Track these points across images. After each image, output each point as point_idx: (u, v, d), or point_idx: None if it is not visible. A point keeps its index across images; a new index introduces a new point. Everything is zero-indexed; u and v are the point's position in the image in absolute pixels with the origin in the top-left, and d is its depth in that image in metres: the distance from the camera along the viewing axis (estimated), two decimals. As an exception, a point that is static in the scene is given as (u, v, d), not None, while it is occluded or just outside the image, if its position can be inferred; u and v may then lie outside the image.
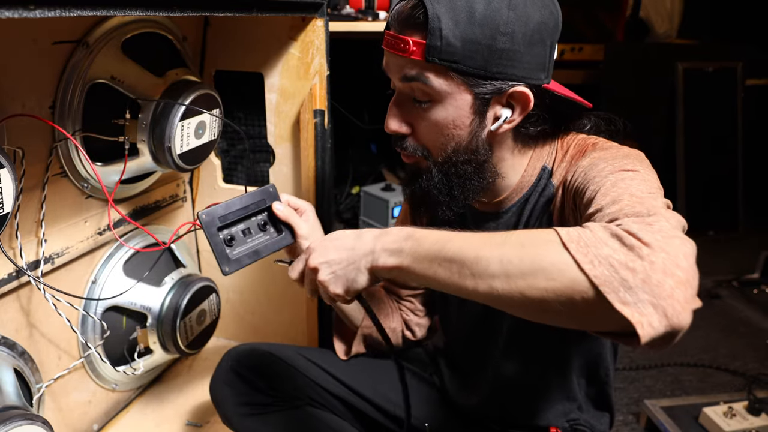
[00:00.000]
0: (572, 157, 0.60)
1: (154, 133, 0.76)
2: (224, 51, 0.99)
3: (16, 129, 0.67)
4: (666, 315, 0.35)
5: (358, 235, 0.53)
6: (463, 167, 0.58)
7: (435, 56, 0.52)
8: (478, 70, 0.53)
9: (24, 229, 0.72)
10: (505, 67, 0.53)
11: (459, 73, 0.53)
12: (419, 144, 0.59)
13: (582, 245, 0.39)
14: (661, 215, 0.42)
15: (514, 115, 0.57)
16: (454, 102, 0.55)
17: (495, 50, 0.52)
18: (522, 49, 0.53)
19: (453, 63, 0.52)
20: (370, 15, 1.49)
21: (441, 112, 0.56)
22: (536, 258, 0.40)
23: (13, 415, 0.61)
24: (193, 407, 1.00)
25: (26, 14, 0.39)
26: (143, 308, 0.88)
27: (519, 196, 0.64)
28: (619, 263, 0.37)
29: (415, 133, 0.59)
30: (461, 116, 0.55)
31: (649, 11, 2.39)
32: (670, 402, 1.17)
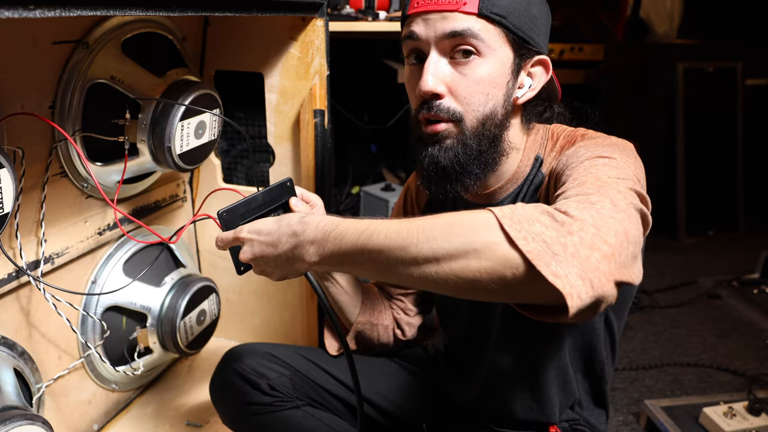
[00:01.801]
0: (562, 146, 0.62)
1: (154, 133, 0.76)
2: (224, 51, 0.99)
3: (16, 129, 0.67)
4: (592, 286, 0.37)
5: (278, 232, 0.53)
6: (492, 132, 0.58)
7: (488, 9, 0.55)
8: (519, 29, 0.57)
9: (24, 229, 0.72)
10: (535, 34, 0.58)
11: (507, 28, 0.56)
12: (456, 104, 0.58)
13: (515, 221, 0.40)
14: (609, 196, 0.43)
15: (534, 83, 0.60)
16: (498, 58, 0.57)
17: (530, 15, 0.57)
18: (543, 22, 0.59)
19: (503, 18, 0.56)
20: (370, 15, 1.49)
21: (485, 67, 0.57)
22: (467, 239, 0.40)
23: (12, 415, 0.61)
24: (193, 407, 1.00)
25: (26, 14, 0.39)
26: (143, 308, 0.88)
27: (514, 187, 0.65)
28: (551, 238, 0.38)
29: (452, 93, 0.57)
30: (502, 74, 0.57)
31: (649, 11, 2.39)
32: (670, 402, 1.17)
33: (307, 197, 0.70)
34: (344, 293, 0.77)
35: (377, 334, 0.80)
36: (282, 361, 0.76)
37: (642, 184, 0.50)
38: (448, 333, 0.81)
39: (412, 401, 0.79)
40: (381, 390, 0.78)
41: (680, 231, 2.16)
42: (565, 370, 0.69)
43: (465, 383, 0.76)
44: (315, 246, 0.50)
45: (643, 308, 1.66)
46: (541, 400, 0.70)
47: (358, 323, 0.79)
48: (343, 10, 1.49)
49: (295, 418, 0.73)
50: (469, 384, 0.75)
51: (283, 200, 0.66)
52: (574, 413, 0.72)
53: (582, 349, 0.69)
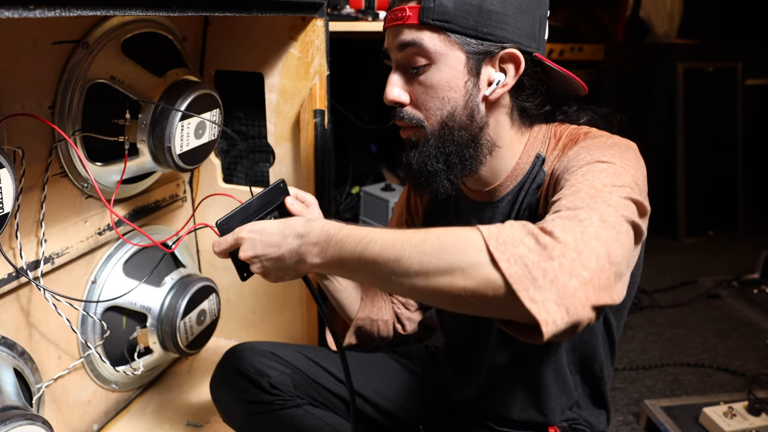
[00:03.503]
0: (564, 145, 0.62)
1: (154, 133, 0.76)
2: (224, 51, 0.99)
3: (16, 129, 0.67)
4: (568, 312, 0.39)
5: (282, 233, 0.55)
6: (458, 134, 0.60)
7: (429, 17, 0.56)
8: (470, 29, 0.56)
9: (24, 229, 0.72)
10: (495, 29, 0.57)
11: (451, 32, 0.56)
12: (416, 112, 0.61)
13: (501, 242, 0.41)
14: (598, 212, 0.43)
15: (507, 78, 0.59)
16: (447, 62, 0.57)
17: (484, 11, 0.56)
18: (511, 14, 0.57)
19: (446, 23, 0.56)
20: (370, 15, 1.49)
21: (436, 74, 0.58)
22: (455, 257, 0.42)
23: (12, 415, 0.61)
24: (194, 407, 1.00)
25: (26, 14, 0.39)
26: (143, 308, 0.88)
27: (514, 184, 0.65)
28: (532, 263, 0.40)
29: (412, 101, 0.61)
30: (455, 77, 0.58)
31: (649, 11, 2.39)
32: (670, 402, 1.17)
33: (302, 197, 0.70)
34: (343, 290, 0.77)
35: (377, 329, 0.80)
36: (283, 359, 0.76)
37: (641, 187, 0.50)
38: (447, 332, 0.81)
39: (412, 400, 0.79)
40: (380, 389, 0.78)
41: (680, 231, 2.16)
42: (563, 371, 0.69)
43: (464, 382, 0.76)
44: (318, 248, 0.52)
45: (643, 308, 1.66)
46: (540, 400, 0.70)
47: (358, 319, 0.79)
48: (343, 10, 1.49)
49: (296, 417, 0.73)
50: (468, 383, 0.75)
51: (278, 202, 0.66)
52: (574, 413, 0.72)
53: (580, 351, 0.69)
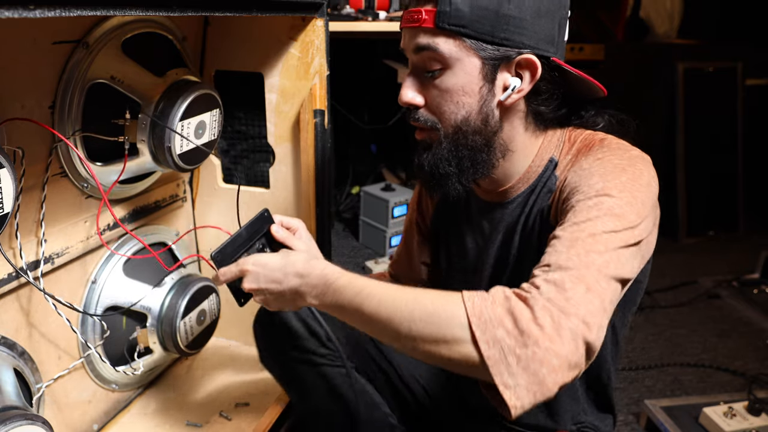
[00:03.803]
0: (578, 150, 0.61)
1: (154, 133, 0.76)
2: (224, 51, 0.99)
3: (16, 129, 0.67)
4: (535, 395, 0.43)
5: (283, 270, 0.58)
6: (472, 138, 0.60)
7: (444, 21, 0.55)
8: (486, 35, 0.56)
9: (24, 229, 0.72)
10: (512, 34, 0.56)
11: (467, 37, 0.56)
12: (430, 115, 0.61)
13: (483, 321, 0.44)
14: (585, 281, 0.45)
15: (523, 84, 0.59)
16: (463, 67, 0.57)
17: (501, 15, 0.55)
18: (529, 18, 0.56)
19: (461, 27, 0.55)
20: (370, 15, 1.49)
21: (451, 79, 0.58)
22: (440, 329, 0.46)
23: (12, 415, 0.61)
24: (194, 407, 0.99)
25: (26, 14, 0.39)
26: (143, 308, 0.88)
27: (525, 186, 0.64)
28: (508, 348, 0.43)
29: (427, 104, 0.61)
30: (470, 82, 0.58)
31: (649, 11, 2.39)
32: (670, 402, 1.17)
33: (288, 223, 0.71)
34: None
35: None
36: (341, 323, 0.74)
37: (646, 218, 0.51)
38: None
39: (440, 393, 0.78)
40: (415, 372, 0.77)
41: (680, 231, 2.16)
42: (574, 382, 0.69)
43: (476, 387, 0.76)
44: (317, 291, 0.55)
45: (643, 308, 1.66)
46: (550, 407, 0.70)
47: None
48: (343, 10, 1.49)
49: (336, 378, 0.71)
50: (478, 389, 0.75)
51: (264, 230, 0.69)
52: (581, 417, 0.72)
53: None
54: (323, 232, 0.99)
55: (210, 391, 1.04)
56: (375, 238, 1.91)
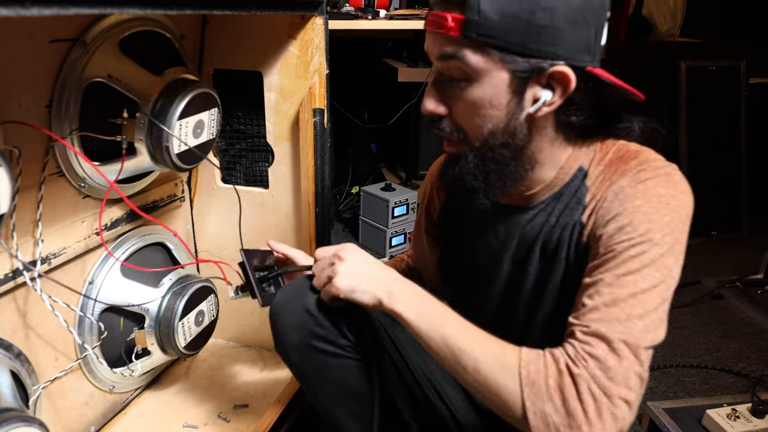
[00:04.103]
0: (611, 162, 0.59)
1: (152, 132, 0.75)
2: (223, 49, 0.98)
3: (12, 128, 0.67)
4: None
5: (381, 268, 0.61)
6: (500, 151, 0.57)
7: (472, 31, 0.51)
8: (516, 46, 0.52)
9: (20, 229, 0.71)
10: (544, 45, 0.52)
11: (496, 48, 0.52)
12: (456, 125, 0.58)
13: (534, 392, 0.49)
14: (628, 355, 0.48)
15: (554, 97, 0.55)
16: (490, 80, 0.54)
17: (534, 26, 0.51)
18: (563, 27, 0.51)
19: (490, 38, 0.51)
20: (369, 13, 1.48)
21: (477, 91, 0.55)
22: (498, 385, 0.51)
23: (9, 417, 0.60)
24: (192, 409, 0.99)
25: (23, 12, 0.38)
26: (141, 309, 0.87)
27: (549, 194, 0.63)
28: (553, 424, 0.48)
29: (451, 113, 0.58)
30: (498, 95, 0.54)
31: (651, 9, 2.37)
32: (672, 404, 1.16)
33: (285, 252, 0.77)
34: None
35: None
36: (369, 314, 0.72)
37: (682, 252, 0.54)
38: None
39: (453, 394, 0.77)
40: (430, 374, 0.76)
41: (683, 231, 2.15)
42: None
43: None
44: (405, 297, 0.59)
45: (646, 309, 1.64)
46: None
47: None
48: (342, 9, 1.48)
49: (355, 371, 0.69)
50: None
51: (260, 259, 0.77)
52: None
53: None
54: (323, 232, 0.98)
55: (208, 393, 1.03)
56: (375, 238, 1.90)
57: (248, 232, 1.09)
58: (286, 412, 0.94)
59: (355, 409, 0.70)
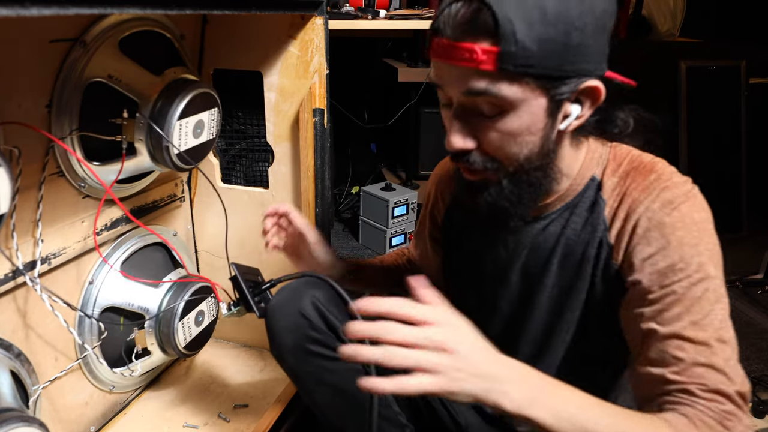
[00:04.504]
0: (626, 174, 0.58)
1: (152, 133, 0.75)
2: (223, 49, 0.98)
3: (12, 128, 0.67)
4: None
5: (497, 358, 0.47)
6: (534, 174, 0.55)
7: (509, 63, 0.48)
8: (554, 71, 0.49)
9: (20, 229, 0.71)
10: (579, 63, 0.50)
11: (534, 77, 0.49)
12: (487, 157, 0.55)
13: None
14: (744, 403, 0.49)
15: (583, 110, 0.54)
16: (528, 108, 0.51)
17: (570, 47, 0.48)
18: (591, 42, 0.50)
19: (529, 68, 0.48)
20: (369, 13, 1.48)
21: (514, 122, 0.51)
22: None
23: (9, 417, 0.60)
24: (192, 409, 0.99)
25: (23, 12, 0.38)
26: (141, 309, 0.87)
27: (561, 204, 0.62)
28: None
29: (482, 146, 0.54)
30: (536, 122, 0.52)
31: (651, 9, 2.37)
32: (673, 404, 1.16)
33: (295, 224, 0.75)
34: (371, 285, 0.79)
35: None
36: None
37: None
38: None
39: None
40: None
41: (683, 231, 2.14)
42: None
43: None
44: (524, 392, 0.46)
45: (646, 309, 1.64)
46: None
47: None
48: (342, 9, 1.48)
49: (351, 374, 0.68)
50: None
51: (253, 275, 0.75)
52: None
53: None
54: (323, 232, 0.98)
55: (208, 393, 1.03)
56: (375, 238, 1.90)
57: (248, 232, 1.09)
58: (286, 412, 0.94)
59: (352, 412, 0.70)
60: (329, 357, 0.68)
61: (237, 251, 1.10)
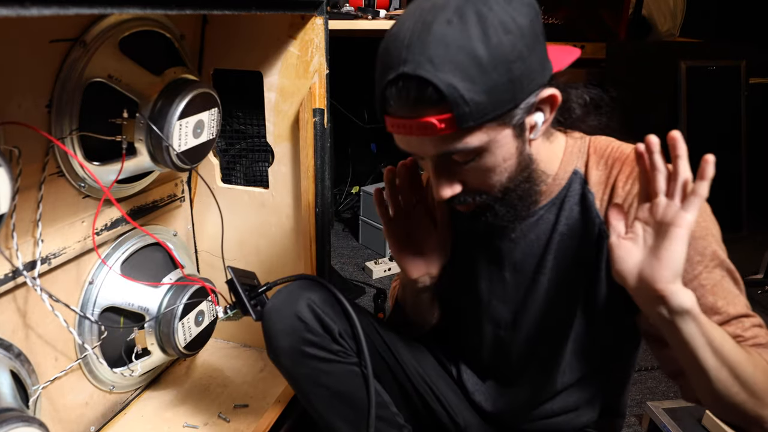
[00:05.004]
0: (611, 165, 0.60)
1: (152, 132, 0.75)
2: (223, 49, 0.98)
3: (12, 128, 0.67)
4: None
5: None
6: (522, 187, 0.58)
7: (467, 121, 0.50)
8: (508, 106, 0.51)
9: (20, 229, 0.71)
10: (527, 87, 0.51)
11: (493, 120, 0.51)
12: (474, 192, 0.58)
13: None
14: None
15: (546, 114, 0.56)
16: (497, 144, 0.54)
17: (515, 80, 0.50)
18: (531, 60, 0.51)
19: (485, 116, 0.50)
20: (369, 13, 1.48)
21: (489, 160, 0.54)
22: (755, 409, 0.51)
23: (9, 417, 0.60)
24: (191, 409, 0.99)
25: (23, 12, 0.38)
26: (141, 309, 0.87)
27: (547, 200, 0.63)
28: None
29: (467, 185, 0.58)
30: (508, 150, 0.55)
31: (651, 9, 2.37)
32: (672, 404, 1.16)
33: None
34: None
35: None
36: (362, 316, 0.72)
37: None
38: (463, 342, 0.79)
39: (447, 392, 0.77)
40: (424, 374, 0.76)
41: (683, 231, 2.14)
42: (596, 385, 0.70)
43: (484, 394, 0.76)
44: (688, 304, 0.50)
45: (646, 309, 1.64)
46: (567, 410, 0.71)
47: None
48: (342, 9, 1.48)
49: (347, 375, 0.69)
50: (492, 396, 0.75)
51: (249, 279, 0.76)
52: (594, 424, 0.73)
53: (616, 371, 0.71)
54: (323, 232, 0.98)
55: (208, 393, 1.03)
56: (375, 238, 1.90)
57: (248, 232, 1.09)
58: (286, 412, 0.94)
59: (349, 414, 0.70)
60: (325, 359, 0.68)
61: (236, 251, 1.10)
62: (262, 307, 0.73)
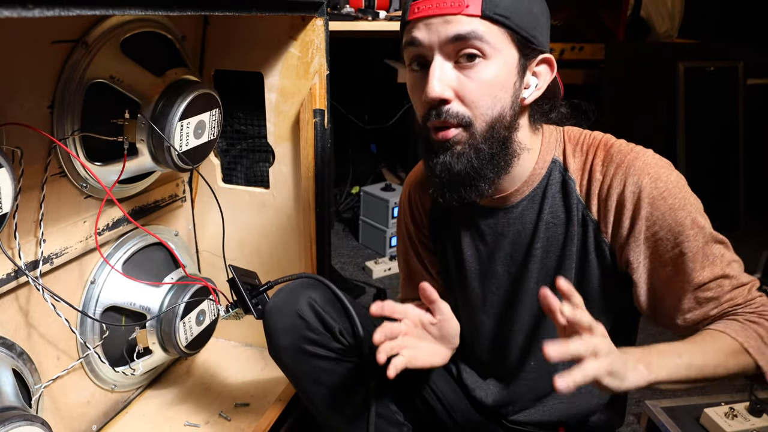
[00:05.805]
0: (586, 151, 0.63)
1: (154, 133, 0.76)
2: (224, 50, 0.99)
3: (14, 129, 0.67)
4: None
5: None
6: (503, 134, 0.59)
7: (491, 10, 0.54)
8: (523, 30, 0.56)
9: (23, 229, 0.72)
10: (538, 33, 0.57)
11: (509, 28, 0.56)
12: (463, 108, 0.57)
13: (761, 351, 0.55)
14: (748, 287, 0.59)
15: (540, 83, 0.60)
16: (503, 59, 0.56)
17: (533, 14, 0.57)
18: (544, 20, 0.59)
19: (506, 18, 0.55)
20: (370, 14, 1.49)
21: (491, 70, 0.56)
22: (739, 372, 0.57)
23: (11, 416, 0.60)
24: (193, 408, 0.99)
25: (25, 14, 0.39)
26: (142, 308, 0.88)
27: (529, 190, 0.64)
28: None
29: (458, 97, 0.57)
30: (509, 75, 0.57)
31: (649, 10, 2.38)
32: (671, 403, 1.16)
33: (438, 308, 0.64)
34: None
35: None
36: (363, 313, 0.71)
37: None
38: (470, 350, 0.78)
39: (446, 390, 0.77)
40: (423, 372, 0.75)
41: (681, 231, 2.15)
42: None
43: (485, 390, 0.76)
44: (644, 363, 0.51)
45: (644, 308, 1.65)
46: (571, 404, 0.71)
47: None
48: (343, 10, 1.49)
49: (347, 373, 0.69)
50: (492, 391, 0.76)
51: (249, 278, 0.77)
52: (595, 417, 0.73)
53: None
54: (323, 232, 0.98)
55: (209, 392, 1.04)
56: (375, 238, 1.91)
57: (249, 232, 1.09)
58: (287, 410, 0.95)
59: (349, 411, 0.71)
60: (326, 357, 0.69)
61: (237, 251, 1.10)
62: (263, 305, 0.73)
